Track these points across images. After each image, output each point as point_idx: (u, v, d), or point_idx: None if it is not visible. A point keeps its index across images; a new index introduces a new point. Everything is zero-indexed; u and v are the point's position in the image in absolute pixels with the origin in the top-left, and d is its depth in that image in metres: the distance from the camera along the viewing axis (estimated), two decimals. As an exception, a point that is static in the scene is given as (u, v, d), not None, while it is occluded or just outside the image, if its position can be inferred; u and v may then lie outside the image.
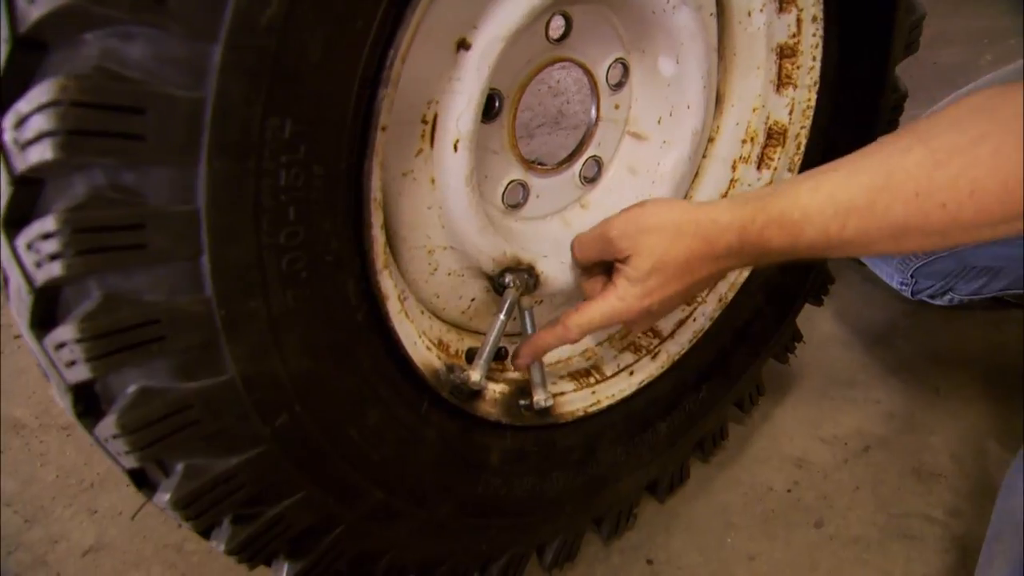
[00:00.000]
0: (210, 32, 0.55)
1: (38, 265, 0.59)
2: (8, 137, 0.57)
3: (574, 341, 0.93)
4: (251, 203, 0.62)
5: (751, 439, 1.42)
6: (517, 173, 0.99)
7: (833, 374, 1.55)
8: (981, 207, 0.71)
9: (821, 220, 0.79)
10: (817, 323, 1.64)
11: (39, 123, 0.54)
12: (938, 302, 1.64)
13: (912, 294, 1.64)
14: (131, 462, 0.68)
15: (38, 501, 1.41)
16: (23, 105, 0.55)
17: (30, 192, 0.59)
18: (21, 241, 0.60)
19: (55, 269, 0.58)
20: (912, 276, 1.61)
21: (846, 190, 0.78)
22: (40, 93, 0.54)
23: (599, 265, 0.97)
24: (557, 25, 0.94)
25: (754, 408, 1.42)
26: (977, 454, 1.37)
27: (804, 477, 1.35)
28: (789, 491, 1.33)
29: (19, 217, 0.60)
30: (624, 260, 0.89)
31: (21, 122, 0.55)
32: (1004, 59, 1.58)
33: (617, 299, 0.90)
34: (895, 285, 1.66)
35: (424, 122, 0.81)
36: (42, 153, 0.55)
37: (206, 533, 0.76)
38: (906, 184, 0.74)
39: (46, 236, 0.58)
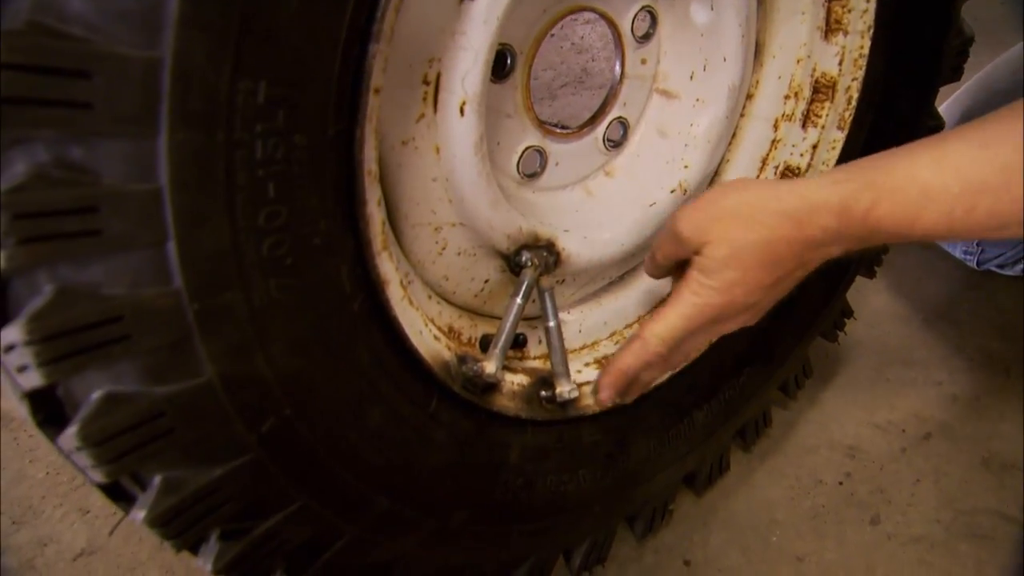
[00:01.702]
0: (165, -22, 0.50)
1: (-21, 256, 0.54)
2: (-64, 108, 0.51)
3: (660, 355, 0.84)
4: (223, 180, 0.56)
5: (797, 426, 1.38)
6: (534, 139, 0.93)
7: (888, 353, 1.50)
8: None
9: (946, 199, 0.71)
10: (870, 297, 1.61)
11: (-31, 90, 0.49)
12: (1008, 272, 1.60)
13: (978, 264, 1.61)
14: (99, 476, 0.63)
15: (27, 501, 1.39)
16: (-55, 70, 0.49)
17: (-35, 172, 0.54)
18: (-43, 229, 0.55)
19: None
20: (978, 244, 1.58)
21: (976, 166, 0.71)
22: (-36, 55, 0.48)
23: (680, 269, 0.87)
24: (575, -32, 0.87)
25: (800, 392, 1.38)
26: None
27: (857, 468, 1.31)
28: (841, 484, 1.28)
29: (-46, 202, 0.55)
30: (698, 251, 0.81)
31: (-52, 89, 0.50)
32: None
33: (692, 295, 0.81)
34: (958, 254, 1.63)
35: (426, 83, 0.75)
36: (-27, 124, 0.50)
37: (193, 550, 0.72)
38: None
39: (-16, 223, 0.53)
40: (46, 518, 1.36)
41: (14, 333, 0.56)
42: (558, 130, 0.96)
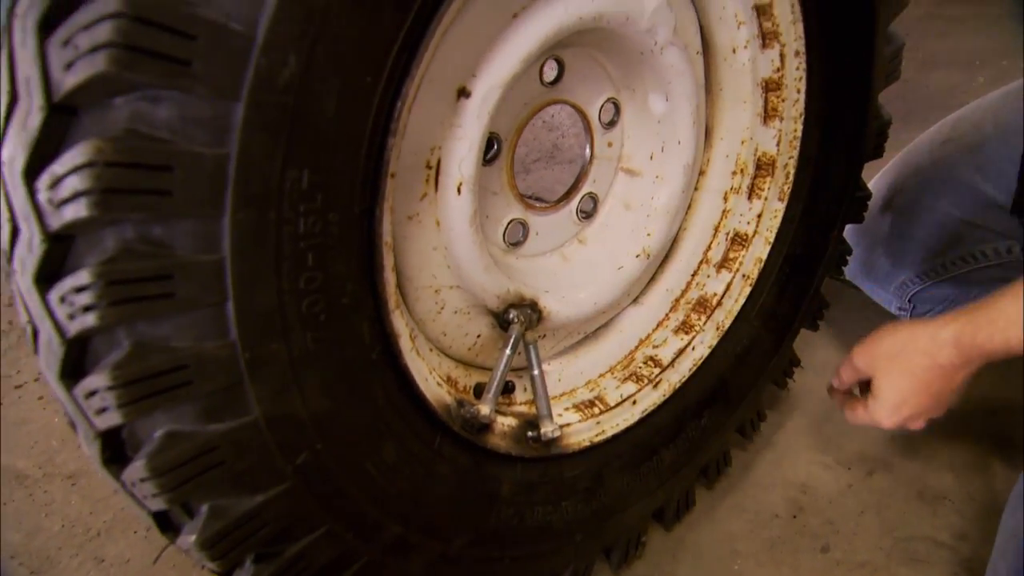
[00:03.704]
0: (233, 92, 0.60)
1: (71, 317, 0.63)
2: (43, 197, 0.61)
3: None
4: (273, 250, 0.66)
5: (754, 465, 1.45)
6: (517, 212, 1.03)
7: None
8: None
9: None
10: (815, 349, 1.68)
11: (74, 183, 0.59)
12: None
13: (911, 319, 1.68)
14: (159, 504, 0.71)
15: (44, 552, 1.43)
16: (57, 167, 0.59)
17: (62, 248, 0.63)
18: (54, 295, 0.64)
19: (88, 320, 0.62)
20: (910, 301, 1.64)
21: None
22: (75, 155, 0.58)
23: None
24: (550, 69, 0.99)
25: (756, 434, 1.45)
26: (981, 475, 1.40)
27: (809, 503, 1.38)
28: (795, 517, 1.36)
29: (51, 272, 0.64)
30: (872, 380, 1.10)
31: (56, 183, 0.60)
32: (998, 80, 1.64)
33: (870, 418, 1.13)
34: (893, 310, 1.69)
35: (428, 167, 0.86)
36: (77, 211, 0.59)
37: (228, 574, 0.79)
38: None
39: (79, 289, 0.62)
40: (63, 568, 1.40)
41: (97, 380, 0.65)
42: (537, 204, 1.07)
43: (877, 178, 1.63)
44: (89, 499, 1.54)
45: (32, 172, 0.61)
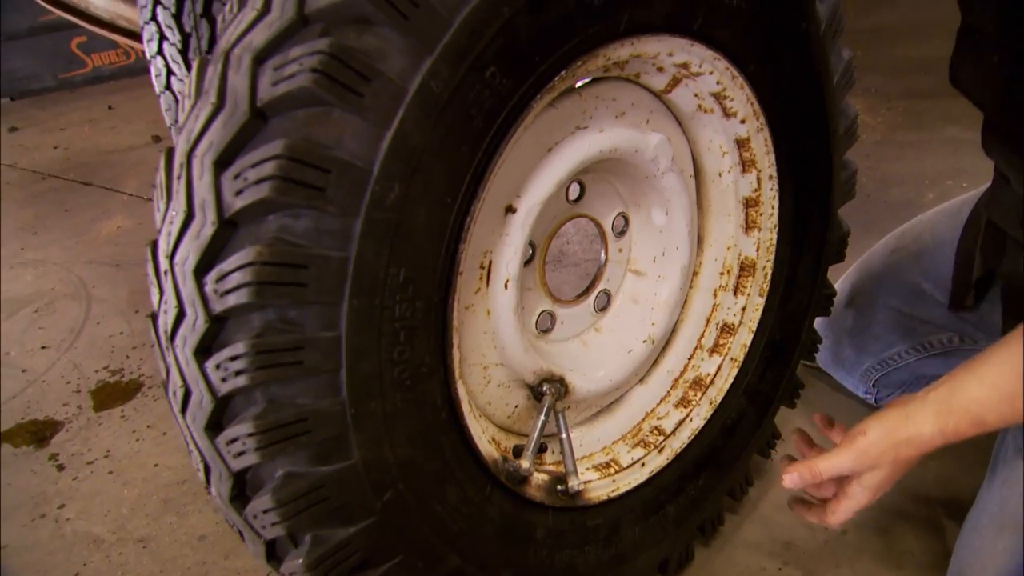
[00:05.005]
0: (354, 210, 0.75)
1: (223, 380, 0.77)
2: (209, 288, 0.76)
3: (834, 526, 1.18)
4: (376, 330, 0.80)
5: (744, 525, 1.54)
6: (546, 305, 1.18)
7: None
8: None
9: (997, 407, 0.98)
10: (795, 424, 1.79)
11: (238, 277, 0.73)
12: None
13: (875, 401, 1.79)
14: (275, 532, 0.83)
15: (125, 607, 1.52)
16: (224, 265, 0.74)
17: (217, 328, 0.78)
18: (210, 363, 0.78)
19: (239, 381, 0.76)
20: (874, 386, 1.76)
21: (1006, 380, 0.97)
22: (240, 257, 0.73)
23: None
24: (575, 190, 1.15)
25: (745, 497, 1.55)
26: (936, 534, 1.51)
27: (792, 557, 1.48)
28: (780, 569, 1.45)
29: (206, 347, 0.79)
30: (859, 475, 1.12)
31: (222, 277, 0.74)
32: (944, 196, 1.81)
33: (856, 502, 1.13)
34: (860, 394, 1.81)
35: (482, 267, 1.00)
36: (238, 298, 0.74)
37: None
38: None
39: (234, 358, 0.76)
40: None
41: (239, 429, 0.78)
42: (562, 299, 1.22)
43: (842, 280, 1.77)
44: (159, 559, 1.63)
45: (201, 269, 0.76)
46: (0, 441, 2.07)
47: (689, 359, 1.35)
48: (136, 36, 1.95)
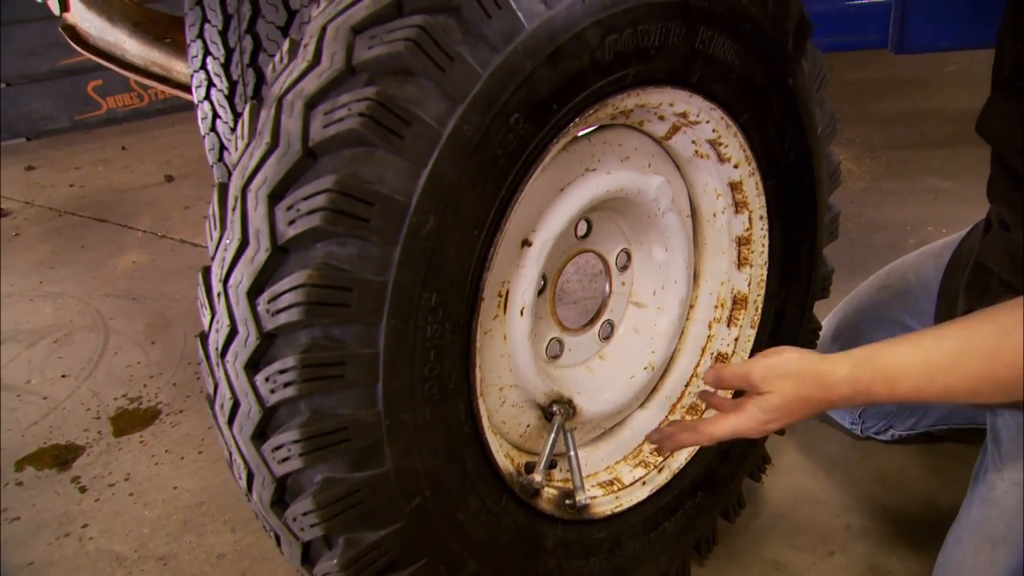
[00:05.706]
0: (393, 239, 0.82)
1: (272, 391, 0.83)
2: (261, 308, 0.82)
3: (705, 444, 1.13)
4: (410, 348, 0.86)
5: (736, 546, 1.59)
6: (556, 332, 1.24)
7: (800, 494, 1.74)
8: None
9: (915, 375, 0.96)
10: (783, 452, 1.85)
11: (290, 298, 0.80)
12: (882, 438, 1.84)
13: (861, 431, 1.85)
14: (313, 534, 0.89)
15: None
16: (277, 287, 0.81)
17: (268, 344, 0.84)
18: (260, 376, 0.84)
19: (288, 392, 0.82)
20: (860, 416, 1.82)
21: (935, 352, 0.95)
22: (292, 280, 0.80)
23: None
24: (583, 227, 1.23)
25: (737, 518, 1.60)
26: (920, 555, 1.56)
27: (782, 576, 1.54)
28: (771, 587, 1.51)
29: (256, 362, 0.85)
30: (759, 392, 1.06)
31: (275, 298, 0.81)
32: (925, 241, 1.89)
33: (745, 419, 1.07)
34: (847, 425, 1.87)
35: (500, 295, 1.07)
36: (289, 317, 0.80)
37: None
38: (980, 348, 0.91)
39: (282, 371, 0.82)
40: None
41: (285, 437, 0.84)
42: (570, 327, 1.29)
43: (829, 316, 1.83)
44: (180, 576, 1.68)
45: (255, 291, 0.82)
46: (24, 464, 2.11)
47: (686, 386, 1.41)
48: (166, 81, 2.04)
